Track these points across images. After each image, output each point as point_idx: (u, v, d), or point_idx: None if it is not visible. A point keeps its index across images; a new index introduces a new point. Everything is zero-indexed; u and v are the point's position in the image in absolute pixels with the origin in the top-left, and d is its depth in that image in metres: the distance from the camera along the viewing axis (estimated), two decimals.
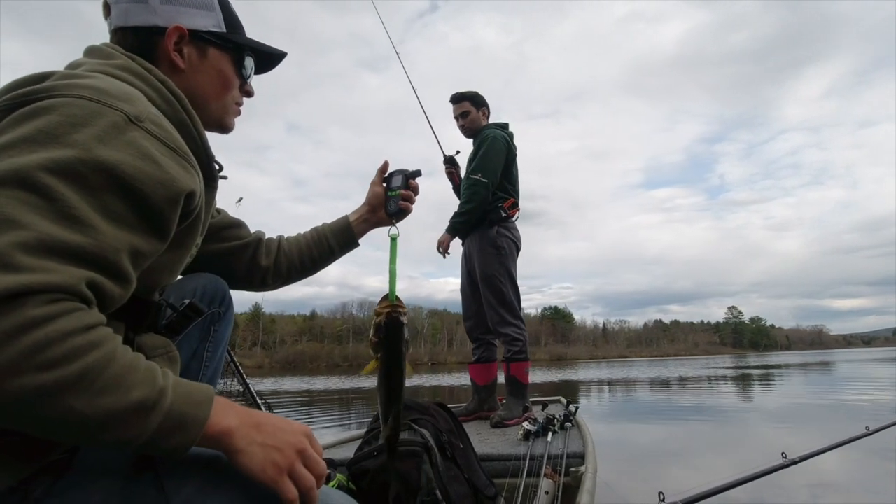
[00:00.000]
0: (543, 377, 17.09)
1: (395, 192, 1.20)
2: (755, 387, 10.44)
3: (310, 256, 1.26)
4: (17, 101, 0.61)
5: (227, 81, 0.90)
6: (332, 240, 1.27)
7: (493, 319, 3.01)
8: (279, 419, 0.67)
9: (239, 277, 1.18)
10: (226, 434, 0.60)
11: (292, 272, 1.25)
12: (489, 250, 3.01)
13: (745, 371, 16.89)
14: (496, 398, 3.14)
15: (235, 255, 1.17)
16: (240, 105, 0.96)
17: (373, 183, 1.25)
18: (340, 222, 1.28)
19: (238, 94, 0.94)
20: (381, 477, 1.36)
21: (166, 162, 0.65)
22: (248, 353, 68.73)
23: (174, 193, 0.65)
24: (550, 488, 1.57)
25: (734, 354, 71.22)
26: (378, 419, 1.56)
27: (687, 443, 4.27)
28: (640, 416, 6.12)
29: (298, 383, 16.97)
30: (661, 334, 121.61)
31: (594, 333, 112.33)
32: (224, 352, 1.20)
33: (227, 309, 1.16)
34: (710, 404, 7.16)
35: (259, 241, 1.21)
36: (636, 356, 78.17)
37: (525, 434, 2.15)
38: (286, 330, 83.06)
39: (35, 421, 0.51)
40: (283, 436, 0.64)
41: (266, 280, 1.22)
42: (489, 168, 3.00)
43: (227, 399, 0.65)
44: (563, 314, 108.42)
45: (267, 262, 1.20)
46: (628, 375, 16.80)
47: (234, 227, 1.18)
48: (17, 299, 0.49)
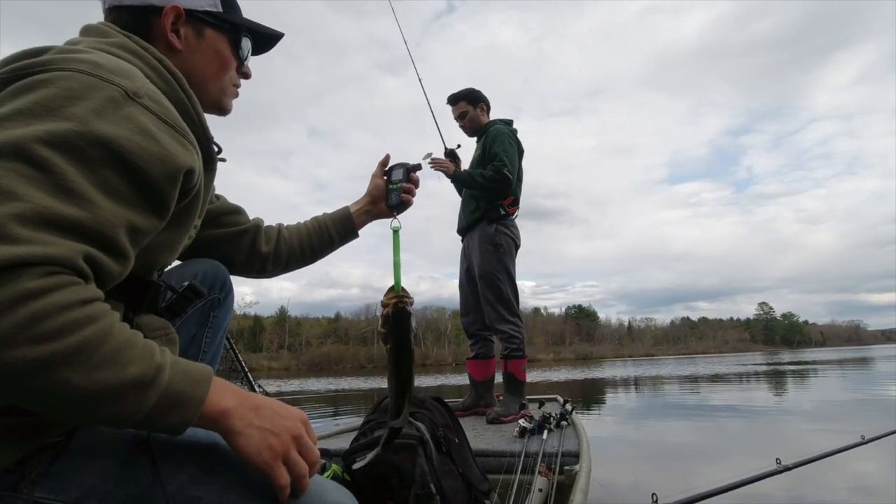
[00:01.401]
0: (568, 376, 16.95)
1: (396, 184, 1.22)
2: (789, 384, 10.16)
3: (310, 245, 1.26)
4: (14, 75, 0.61)
5: (225, 62, 0.89)
6: (333, 229, 1.28)
7: (491, 316, 3.02)
8: (277, 403, 0.67)
9: (238, 263, 1.19)
10: (223, 414, 0.60)
11: (292, 260, 1.26)
12: (488, 248, 3.03)
13: (778, 368, 16.44)
14: (493, 394, 3.15)
15: (234, 242, 1.17)
16: (237, 87, 0.95)
17: (374, 175, 1.27)
18: (341, 213, 1.29)
19: (235, 76, 0.93)
20: (376, 468, 1.40)
21: (164, 138, 0.64)
22: (276, 356, 69.79)
23: (173, 170, 0.64)
24: (544, 486, 1.58)
25: (766, 352, 69.28)
26: (375, 411, 1.59)
27: (712, 441, 4.21)
28: (667, 413, 6.04)
29: (325, 384, 17.18)
30: (688, 332, 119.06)
31: (619, 332, 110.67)
32: (223, 338, 1.21)
33: (228, 295, 1.17)
34: (740, 402, 7.01)
35: (258, 228, 1.21)
36: (663, 354, 76.69)
37: (521, 431, 2.15)
38: (312, 332, 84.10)
39: (31, 394, 0.50)
40: (280, 420, 0.64)
41: (266, 267, 1.23)
42: (512, 161, 3.02)
43: (225, 381, 0.64)
44: (588, 312, 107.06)
45: (267, 249, 1.20)
46: (656, 373, 16.54)
47: (234, 214, 1.18)
48: (14, 270, 0.49)
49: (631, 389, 10.44)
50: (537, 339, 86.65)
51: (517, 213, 3.22)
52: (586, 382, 12.92)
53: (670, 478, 3.05)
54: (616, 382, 12.64)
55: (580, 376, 16.44)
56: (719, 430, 4.68)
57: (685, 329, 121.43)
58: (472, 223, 3.15)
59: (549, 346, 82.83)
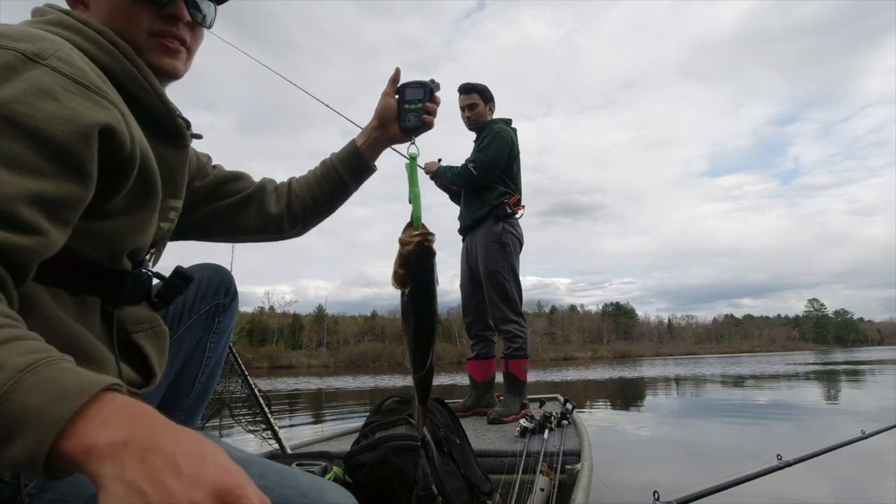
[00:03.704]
0: (604, 374, 16.67)
1: (414, 104, 1.07)
2: (843, 383, 9.68)
3: (321, 193, 1.15)
4: None
5: (118, 7, 0.75)
6: (341, 168, 1.15)
7: (495, 316, 3.03)
8: (201, 449, 0.40)
9: (252, 230, 1.12)
10: (87, 453, 0.38)
11: (307, 214, 1.17)
12: (494, 246, 3.03)
13: (831, 368, 15.67)
14: (494, 395, 3.17)
15: (241, 209, 1.10)
16: (163, 36, 0.78)
17: (384, 94, 1.10)
18: (347, 148, 1.16)
19: (154, 22, 0.77)
20: (378, 470, 1.43)
21: (69, 97, 0.59)
22: (315, 353, 71.25)
23: (82, 127, 0.58)
24: (546, 485, 1.59)
25: (817, 350, 66.05)
26: (376, 412, 1.62)
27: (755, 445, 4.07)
28: (713, 413, 5.87)
29: (364, 381, 17.44)
30: (732, 329, 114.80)
31: (659, 329, 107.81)
32: (227, 343, 1.19)
33: (232, 300, 1.15)
34: (795, 401, 6.73)
35: (263, 189, 1.13)
36: (706, 353, 74.28)
37: (522, 431, 2.17)
38: (349, 330, 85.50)
39: None
40: (177, 480, 0.37)
41: (282, 227, 1.15)
42: (487, 161, 3.03)
43: (139, 403, 0.43)
44: (626, 310, 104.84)
45: (278, 209, 1.13)
46: (700, 372, 16.06)
47: (233, 181, 1.11)
48: None
49: (674, 388, 10.18)
50: (574, 337, 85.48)
51: (522, 213, 3.22)
52: (623, 382, 12.66)
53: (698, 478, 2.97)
54: (657, 381, 12.33)
55: (617, 374, 16.12)
56: (766, 433, 4.51)
57: (729, 327, 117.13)
58: (476, 221, 3.15)
59: (587, 345, 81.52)
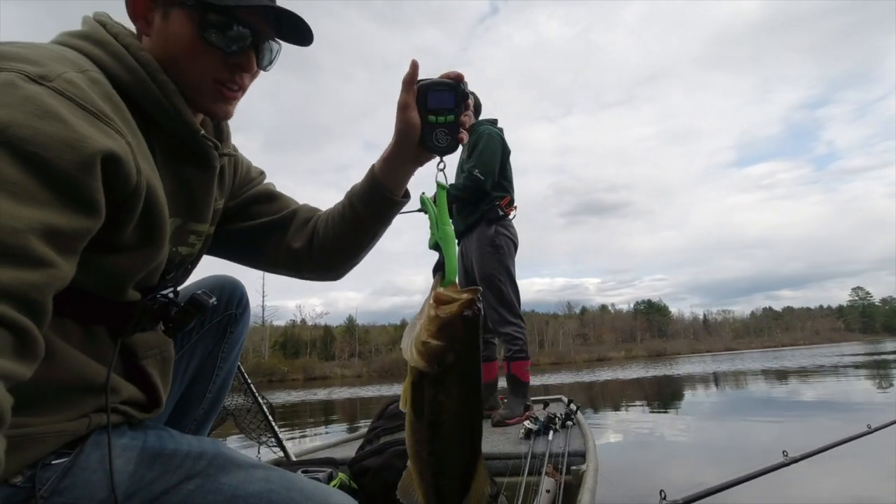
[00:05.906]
0: (639, 373, 16.34)
1: (442, 116, 0.82)
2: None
3: (343, 234, 0.97)
4: None
5: (186, 46, 0.74)
6: (359, 206, 0.94)
7: (493, 319, 3.04)
8: None
9: (270, 261, 1.02)
10: None
11: (329, 258, 0.99)
12: (488, 249, 3.05)
13: (881, 358, 14.95)
14: (497, 397, 3.17)
15: (263, 235, 1.00)
16: (226, 84, 0.78)
17: (402, 106, 0.83)
18: (365, 178, 0.94)
19: (219, 70, 0.77)
20: (382, 475, 1.46)
21: (74, 120, 0.56)
22: (347, 363, 71.91)
23: (86, 156, 0.55)
24: (552, 487, 1.59)
25: (865, 341, 63.11)
26: (380, 417, 1.65)
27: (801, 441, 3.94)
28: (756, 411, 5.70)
29: (398, 389, 17.51)
30: (772, 323, 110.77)
31: (694, 326, 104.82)
32: (238, 353, 1.18)
33: (244, 311, 1.14)
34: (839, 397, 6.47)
35: (293, 217, 1.01)
36: (745, 348, 71.83)
37: (526, 433, 2.17)
38: (379, 339, 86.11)
39: None
40: None
41: (299, 267, 1.01)
42: (488, 165, 3.06)
43: None
44: (658, 307, 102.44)
45: (299, 245, 0.99)
46: (737, 368, 15.57)
47: (265, 202, 1.01)
48: None
49: (712, 385, 9.90)
50: (606, 337, 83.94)
51: (514, 214, 3.24)
52: (661, 379, 12.36)
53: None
54: (694, 379, 12.01)
55: (655, 374, 15.76)
56: (815, 429, 4.37)
57: (768, 320, 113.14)
58: (469, 226, 3.17)
59: (620, 344, 79.95)
